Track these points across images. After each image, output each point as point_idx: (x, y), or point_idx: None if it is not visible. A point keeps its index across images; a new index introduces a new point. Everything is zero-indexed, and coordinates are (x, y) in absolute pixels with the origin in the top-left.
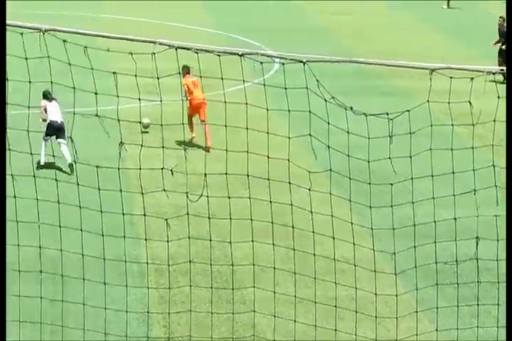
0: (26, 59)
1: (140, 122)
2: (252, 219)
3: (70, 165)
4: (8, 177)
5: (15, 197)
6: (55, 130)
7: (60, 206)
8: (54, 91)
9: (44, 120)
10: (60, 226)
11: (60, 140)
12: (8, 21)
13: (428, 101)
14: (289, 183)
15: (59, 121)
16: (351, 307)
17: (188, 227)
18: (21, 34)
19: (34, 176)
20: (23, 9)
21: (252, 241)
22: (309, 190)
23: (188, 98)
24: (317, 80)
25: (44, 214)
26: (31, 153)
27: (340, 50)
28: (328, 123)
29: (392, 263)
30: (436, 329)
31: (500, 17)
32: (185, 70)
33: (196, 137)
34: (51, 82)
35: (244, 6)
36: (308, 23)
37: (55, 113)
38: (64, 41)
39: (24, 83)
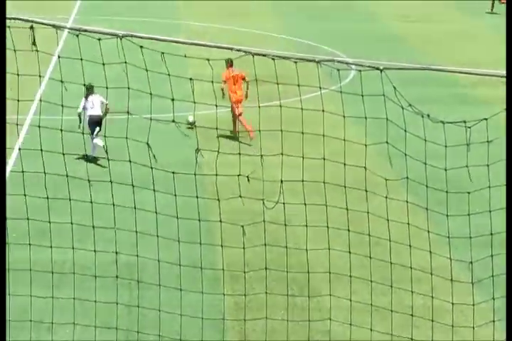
0: (103, 64)
1: (187, 121)
2: (328, 227)
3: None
4: (84, 182)
5: (91, 202)
6: (95, 123)
7: (136, 211)
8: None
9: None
10: (136, 232)
11: (97, 130)
12: (86, 27)
13: (505, 109)
14: (366, 191)
15: (98, 115)
16: (427, 315)
17: (264, 234)
18: (99, 40)
19: (111, 181)
20: (105, 15)
21: (328, 248)
22: (386, 197)
23: (224, 94)
24: (394, 87)
25: (120, 219)
26: (108, 159)
27: (417, 58)
28: (405, 130)
29: (468, 272)
30: None
31: None
32: (229, 63)
33: (254, 138)
34: (128, 88)
35: (320, 13)
36: (384, 30)
37: (96, 107)
38: (140, 47)
39: (102, 88)
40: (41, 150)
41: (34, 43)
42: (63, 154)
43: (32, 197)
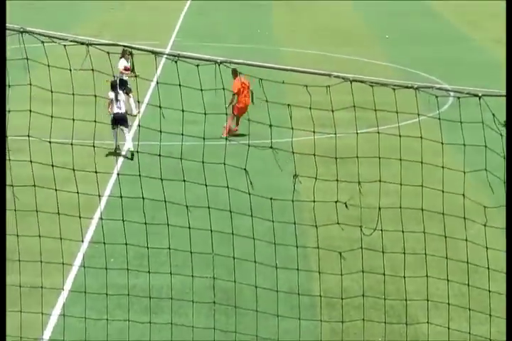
0: (202, 90)
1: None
2: (425, 254)
3: (131, 153)
4: (182, 207)
5: (189, 227)
6: (119, 120)
7: (234, 237)
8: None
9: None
10: (233, 258)
11: (122, 127)
12: (184, 53)
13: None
14: (464, 218)
15: (122, 112)
16: None
17: (361, 261)
18: (197, 66)
19: (208, 207)
20: (203, 42)
21: (426, 275)
22: (484, 225)
23: (235, 102)
24: (493, 114)
25: (217, 244)
26: (206, 185)
27: None
28: (504, 157)
29: None
30: None
31: None
32: (235, 73)
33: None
34: (226, 114)
35: (416, 39)
36: (481, 55)
37: (121, 104)
38: (240, 73)
39: (200, 115)
40: (139, 175)
41: (133, 69)
42: (161, 179)
43: (130, 221)
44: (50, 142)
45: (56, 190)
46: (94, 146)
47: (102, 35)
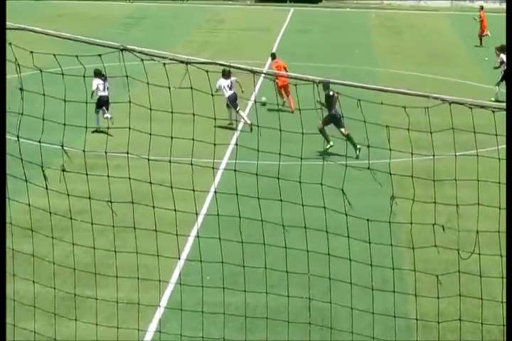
0: (300, 110)
1: (260, 102)
2: None
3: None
4: (278, 227)
5: (285, 247)
6: (104, 103)
7: (330, 258)
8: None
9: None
10: (329, 278)
11: (106, 110)
12: (282, 73)
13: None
14: None
15: (106, 96)
16: None
17: (458, 284)
18: (295, 85)
19: (305, 227)
20: (301, 62)
21: None
22: None
23: (276, 79)
24: None
25: (314, 265)
26: (302, 204)
27: None
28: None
29: None
30: None
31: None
32: (273, 56)
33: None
34: (320, 132)
35: None
36: None
37: (105, 89)
38: (337, 93)
39: (298, 134)
40: (237, 194)
41: (231, 88)
42: (258, 198)
43: (226, 240)
44: (148, 159)
45: (154, 206)
46: (192, 164)
47: (202, 54)
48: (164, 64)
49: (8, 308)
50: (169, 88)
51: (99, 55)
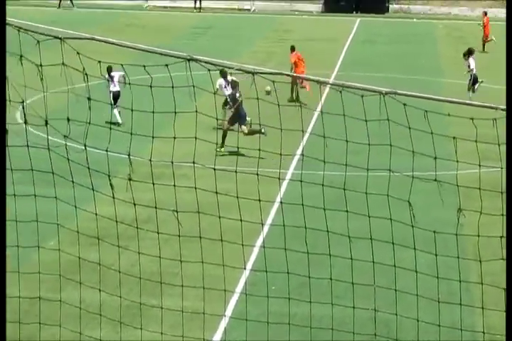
0: (366, 121)
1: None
2: None
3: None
4: (344, 238)
5: (351, 258)
6: (116, 98)
7: (396, 270)
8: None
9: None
10: (395, 290)
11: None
12: (349, 83)
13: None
14: None
15: (117, 90)
16: None
17: None
18: (362, 96)
19: (371, 238)
20: (368, 72)
21: None
22: None
23: (294, 70)
24: None
25: (380, 277)
26: (368, 216)
27: None
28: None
29: None
30: None
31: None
32: (292, 48)
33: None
34: (390, 145)
35: None
36: None
37: (117, 84)
38: (404, 105)
39: (364, 145)
40: (302, 204)
41: (297, 98)
42: (324, 209)
43: (292, 250)
44: (214, 169)
45: (219, 216)
46: (257, 174)
47: (267, 64)
48: (231, 74)
49: (74, 316)
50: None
51: (166, 65)
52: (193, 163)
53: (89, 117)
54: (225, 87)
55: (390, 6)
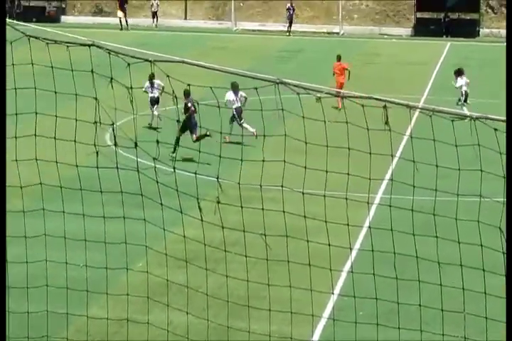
0: (456, 146)
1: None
2: None
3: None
4: (434, 264)
5: (440, 284)
6: (154, 102)
7: (487, 297)
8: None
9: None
10: (485, 318)
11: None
12: (438, 107)
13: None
14: None
15: (156, 96)
16: None
17: None
18: (452, 121)
19: (461, 265)
20: (456, 96)
21: None
22: None
23: (335, 78)
24: None
25: (469, 303)
26: (458, 242)
27: None
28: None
29: None
30: None
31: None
32: (338, 58)
33: None
34: (481, 170)
35: None
36: None
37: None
38: (495, 130)
39: (454, 170)
40: (391, 229)
41: (387, 122)
42: (413, 234)
43: (380, 275)
44: (303, 193)
45: (308, 240)
46: (346, 198)
47: (356, 88)
48: (320, 98)
49: (161, 338)
50: (324, 122)
51: (256, 89)
52: (282, 186)
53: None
54: (233, 100)
55: (481, 30)
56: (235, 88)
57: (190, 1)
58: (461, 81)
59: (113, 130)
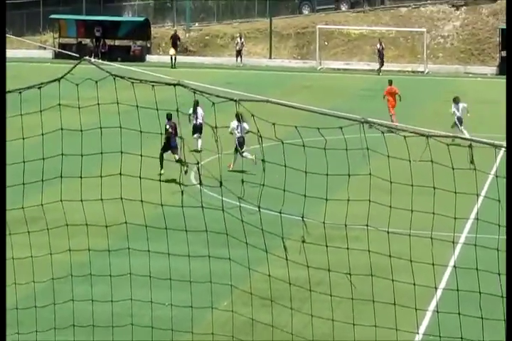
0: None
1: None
2: None
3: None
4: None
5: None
6: (197, 129)
7: None
8: None
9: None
10: None
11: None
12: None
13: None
14: None
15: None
16: None
17: None
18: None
19: None
20: None
21: None
22: None
23: (388, 99)
24: None
25: None
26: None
27: None
28: None
29: None
30: None
31: None
32: (390, 82)
33: None
34: None
35: None
36: None
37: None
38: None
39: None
40: (477, 269)
41: (472, 161)
42: (498, 274)
43: (466, 316)
44: (387, 232)
45: (393, 280)
46: (431, 238)
47: (441, 127)
48: (405, 137)
49: None
50: (409, 161)
51: (340, 128)
52: (367, 225)
53: (263, 179)
54: (236, 129)
55: None
56: (238, 118)
57: (275, 40)
58: (456, 108)
59: (198, 169)
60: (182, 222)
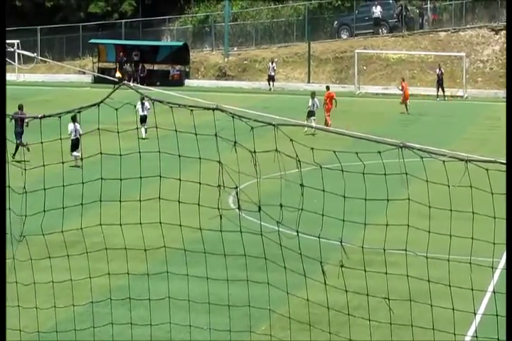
0: None
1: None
2: None
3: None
4: None
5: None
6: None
7: None
8: None
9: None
10: None
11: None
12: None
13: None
14: None
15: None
16: None
17: None
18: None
19: None
20: None
21: None
22: None
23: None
24: None
25: None
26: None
27: None
28: None
29: None
30: None
31: None
32: (327, 88)
33: None
34: None
35: None
36: None
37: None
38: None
39: None
40: None
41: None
42: None
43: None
44: (426, 257)
45: (431, 305)
46: (470, 263)
47: (480, 152)
48: (444, 162)
49: None
50: (448, 186)
51: (379, 152)
52: (405, 250)
53: (301, 203)
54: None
55: None
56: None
57: (313, 65)
58: None
59: (236, 193)
60: (220, 246)
